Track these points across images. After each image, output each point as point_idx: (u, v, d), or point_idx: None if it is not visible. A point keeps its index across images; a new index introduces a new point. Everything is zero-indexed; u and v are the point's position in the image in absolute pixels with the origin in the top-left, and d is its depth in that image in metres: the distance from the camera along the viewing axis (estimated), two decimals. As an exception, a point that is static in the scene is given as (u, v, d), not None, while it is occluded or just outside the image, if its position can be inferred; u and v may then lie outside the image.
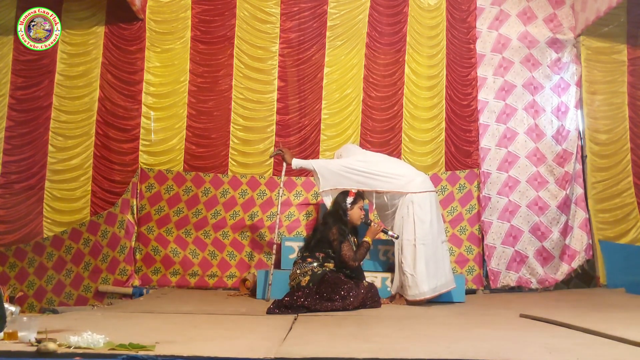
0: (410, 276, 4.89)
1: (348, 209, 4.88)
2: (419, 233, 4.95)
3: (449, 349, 2.83)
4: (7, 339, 2.77)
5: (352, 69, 6.60)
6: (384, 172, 5.11)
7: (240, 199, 6.29)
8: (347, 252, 4.70)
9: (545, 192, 6.47)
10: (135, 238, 6.16)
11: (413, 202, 5.01)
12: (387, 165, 5.26)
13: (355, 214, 4.90)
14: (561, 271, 6.38)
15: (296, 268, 4.78)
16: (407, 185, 5.07)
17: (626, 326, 3.44)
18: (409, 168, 5.42)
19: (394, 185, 5.08)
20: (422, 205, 5.02)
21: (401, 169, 5.29)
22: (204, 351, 2.58)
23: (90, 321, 3.60)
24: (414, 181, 5.11)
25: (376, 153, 5.73)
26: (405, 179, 5.11)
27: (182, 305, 4.72)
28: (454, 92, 6.65)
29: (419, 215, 4.99)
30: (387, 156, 5.73)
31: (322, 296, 4.42)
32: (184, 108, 6.44)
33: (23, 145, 6.33)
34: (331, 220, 4.84)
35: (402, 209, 5.04)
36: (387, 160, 5.46)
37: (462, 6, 6.75)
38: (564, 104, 6.72)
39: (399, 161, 5.86)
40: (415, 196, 5.03)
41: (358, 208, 4.90)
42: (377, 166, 5.15)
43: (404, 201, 5.04)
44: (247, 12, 6.56)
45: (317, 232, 4.90)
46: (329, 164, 5.25)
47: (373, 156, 5.48)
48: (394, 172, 5.14)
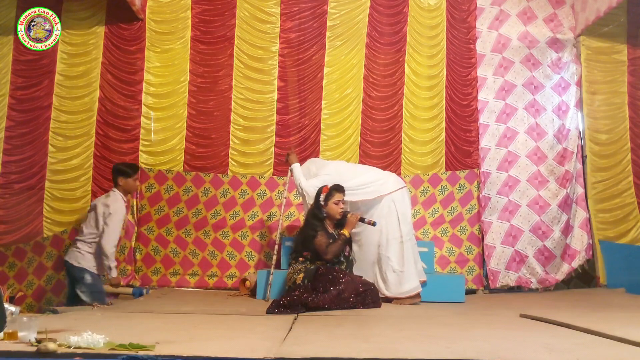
0: (400, 273, 4.98)
1: (323, 205, 4.96)
2: (404, 230, 5.09)
3: (449, 349, 2.83)
4: (7, 339, 2.76)
5: (352, 69, 6.61)
6: (358, 185, 5.19)
7: (240, 199, 6.29)
8: (320, 245, 4.77)
9: (546, 191, 6.47)
10: (135, 238, 6.16)
11: (395, 201, 5.14)
12: (359, 176, 5.29)
13: (332, 209, 4.95)
14: (562, 271, 6.38)
15: (290, 269, 4.89)
16: (382, 188, 5.19)
17: (626, 326, 3.43)
18: (376, 171, 5.52)
19: (371, 193, 5.17)
20: (402, 202, 5.18)
21: (371, 174, 5.37)
22: (204, 351, 2.57)
23: (90, 321, 3.59)
24: (387, 182, 5.25)
25: (339, 162, 5.74)
26: (379, 181, 5.24)
27: (182, 305, 4.72)
28: (454, 92, 6.65)
29: (402, 212, 5.13)
30: (350, 164, 5.86)
31: (318, 290, 4.47)
32: (184, 108, 6.44)
33: (23, 145, 6.32)
34: (309, 218, 4.99)
35: (382, 209, 5.11)
36: (354, 170, 5.47)
37: (462, 6, 6.76)
38: (565, 103, 6.72)
39: (363, 167, 5.82)
40: (395, 194, 5.16)
41: (333, 203, 4.95)
42: (349, 183, 5.14)
43: (384, 202, 5.13)
44: (247, 12, 6.56)
45: (300, 232, 5.04)
46: (312, 184, 5.20)
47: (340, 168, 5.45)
48: (367, 180, 5.24)
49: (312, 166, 5.46)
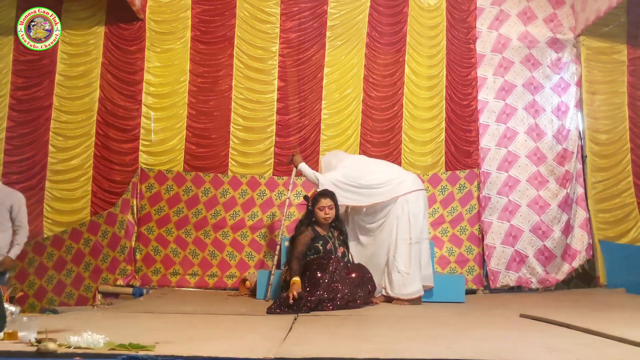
0: (406, 275, 4.96)
1: (312, 210, 4.96)
2: (413, 232, 5.05)
3: (449, 349, 2.83)
4: (7, 339, 2.77)
5: (352, 69, 6.61)
6: (375, 184, 5.14)
7: (240, 199, 6.29)
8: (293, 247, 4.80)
9: (546, 192, 6.47)
10: (135, 238, 6.16)
11: (408, 202, 5.10)
12: (376, 174, 5.24)
13: (316, 215, 4.94)
14: (562, 271, 6.38)
15: (286, 269, 4.97)
16: (399, 188, 5.14)
17: (626, 326, 3.44)
18: (397, 169, 5.48)
19: (388, 192, 5.12)
20: (416, 204, 5.13)
21: (389, 172, 5.31)
22: (204, 351, 2.57)
23: (90, 321, 3.60)
24: (405, 181, 5.20)
25: (359, 157, 5.71)
26: (396, 181, 5.18)
27: (182, 306, 4.72)
28: (454, 92, 6.65)
29: (414, 214, 5.09)
30: (370, 159, 5.71)
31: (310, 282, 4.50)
32: (184, 108, 6.44)
33: (23, 146, 6.33)
34: (299, 221, 5.06)
35: (397, 209, 5.09)
36: (374, 165, 5.44)
37: (462, 6, 6.76)
38: (564, 103, 6.72)
39: (384, 163, 5.74)
40: (410, 196, 5.12)
41: (318, 209, 4.93)
42: (366, 179, 5.14)
43: (399, 201, 5.10)
44: (247, 12, 6.56)
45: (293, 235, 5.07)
46: (328, 178, 5.18)
47: (359, 162, 5.44)
48: (384, 179, 5.18)
49: (333, 159, 5.42)
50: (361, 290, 4.69)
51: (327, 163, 5.42)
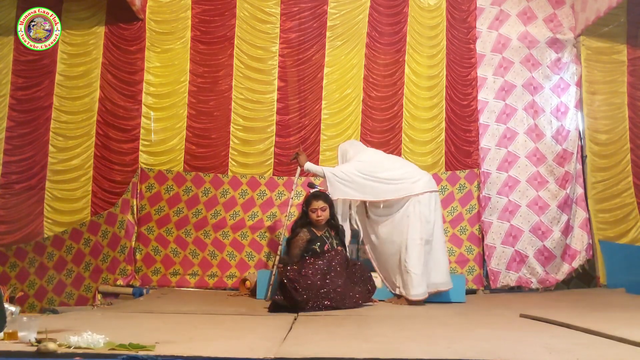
0: (414, 275, 4.92)
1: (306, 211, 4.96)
2: (424, 233, 5.00)
3: (449, 349, 2.83)
4: (7, 339, 2.76)
5: (352, 69, 6.60)
6: (389, 178, 5.12)
7: (240, 199, 6.29)
8: (290, 248, 4.84)
9: (546, 192, 6.47)
10: (135, 238, 6.16)
11: (420, 202, 5.06)
12: (393, 170, 5.22)
13: (310, 217, 4.93)
14: (562, 271, 6.38)
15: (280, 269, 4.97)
16: (413, 187, 5.10)
17: (626, 326, 3.44)
18: (413, 167, 5.40)
19: (401, 190, 5.09)
20: (428, 205, 5.08)
21: (405, 169, 5.27)
22: (204, 351, 2.58)
23: (90, 321, 3.59)
24: (420, 181, 5.14)
25: (377, 152, 5.69)
26: (411, 179, 5.14)
27: (182, 306, 4.72)
28: (454, 92, 6.65)
29: (425, 215, 5.04)
30: (387, 155, 5.66)
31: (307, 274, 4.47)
32: (184, 108, 6.44)
33: (24, 146, 6.33)
34: (296, 221, 5.05)
35: (408, 208, 5.06)
36: (390, 162, 5.41)
37: (462, 6, 6.75)
38: (564, 104, 6.72)
39: (400, 160, 5.77)
40: (422, 196, 5.08)
41: (310, 211, 4.92)
42: (383, 173, 5.13)
43: (411, 201, 5.06)
44: (247, 12, 6.56)
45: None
46: (338, 171, 5.17)
47: (375, 157, 5.41)
48: (398, 176, 5.15)
49: (350, 150, 5.39)
50: (360, 288, 4.68)
51: (343, 152, 5.41)
